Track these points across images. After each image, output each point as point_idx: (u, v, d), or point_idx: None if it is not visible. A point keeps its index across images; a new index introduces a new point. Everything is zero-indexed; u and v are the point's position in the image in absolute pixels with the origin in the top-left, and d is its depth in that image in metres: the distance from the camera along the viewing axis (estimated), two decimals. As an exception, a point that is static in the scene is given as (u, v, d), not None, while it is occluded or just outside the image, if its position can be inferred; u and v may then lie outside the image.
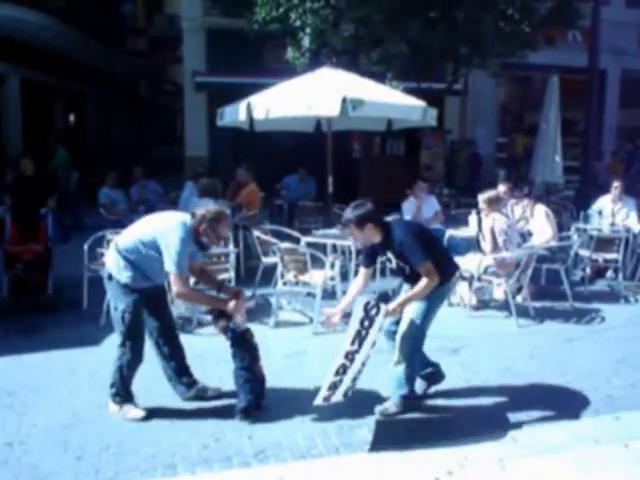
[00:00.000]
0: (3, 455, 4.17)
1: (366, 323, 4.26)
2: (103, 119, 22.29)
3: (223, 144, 14.78)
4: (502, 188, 8.35)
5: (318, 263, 6.98)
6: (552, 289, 7.86)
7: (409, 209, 8.85)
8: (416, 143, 15.40)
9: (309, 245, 7.29)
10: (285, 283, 7.10)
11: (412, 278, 4.60)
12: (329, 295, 7.24)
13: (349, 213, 4.51)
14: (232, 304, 4.54)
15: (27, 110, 15.40)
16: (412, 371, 4.75)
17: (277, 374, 5.28)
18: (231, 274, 6.95)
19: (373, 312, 4.26)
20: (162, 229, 4.37)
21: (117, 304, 4.55)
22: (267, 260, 7.60)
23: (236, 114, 8.42)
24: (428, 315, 4.67)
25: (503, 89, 16.46)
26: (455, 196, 12.26)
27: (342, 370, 4.33)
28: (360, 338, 4.28)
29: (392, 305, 4.44)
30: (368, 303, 4.26)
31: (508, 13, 9.78)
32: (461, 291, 7.53)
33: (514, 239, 7.19)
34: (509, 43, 10.22)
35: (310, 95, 7.89)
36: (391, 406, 4.71)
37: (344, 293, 7.19)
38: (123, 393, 4.67)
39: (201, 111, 14.80)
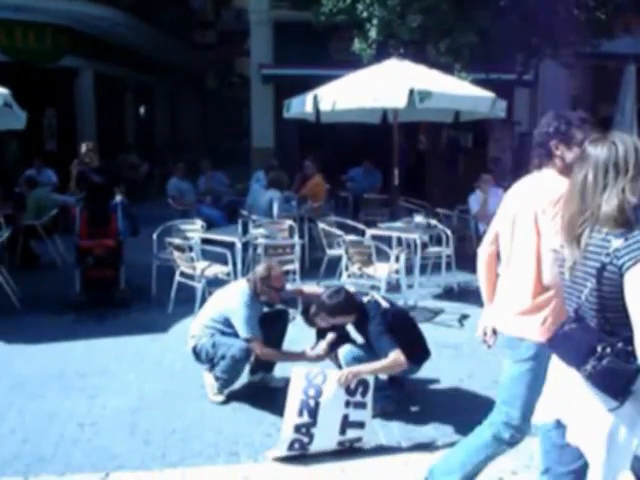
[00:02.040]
0: (75, 435, 4.31)
1: (311, 392, 3.98)
2: (172, 112, 22.78)
3: (289, 136, 14.85)
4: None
5: (383, 256, 6.94)
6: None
7: (475, 202, 8.69)
8: (484, 135, 15.09)
9: (374, 238, 7.25)
10: (349, 275, 7.09)
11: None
12: (393, 288, 7.19)
13: (325, 299, 4.42)
14: (310, 354, 4.67)
15: (100, 103, 15.85)
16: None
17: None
18: (296, 265, 6.99)
19: (318, 380, 4.01)
20: (228, 306, 4.63)
21: None
22: (332, 252, 7.61)
23: (303, 106, 8.43)
24: None
25: (575, 80, 15.93)
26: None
27: (298, 446, 3.98)
28: (309, 409, 3.95)
29: (352, 370, 4.15)
30: (309, 372, 4.05)
31: (582, 0, 9.45)
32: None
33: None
34: (583, 32, 9.88)
35: (377, 87, 7.83)
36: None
37: (409, 287, 7.21)
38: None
39: (267, 103, 14.90)
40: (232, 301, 4.60)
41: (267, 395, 4.86)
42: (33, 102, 14.51)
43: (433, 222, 8.03)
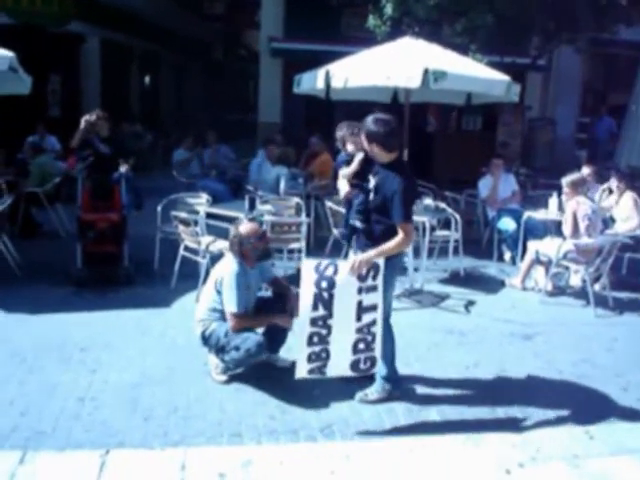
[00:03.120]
0: (75, 409, 4.25)
1: (324, 284, 3.95)
2: (177, 82, 22.51)
3: (296, 111, 14.67)
4: (586, 171, 7.97)
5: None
6: (634, 280, 7.48)
7: (485, 187, 8.57)
8: (493, 119, 14.92)
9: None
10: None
11: (366, 230, 4.27)
12: (400, 270, 7.08)
13: (366, 124, 4.19)
14: (280, 318, 4.61)
15: (105, 71, 15.62)
16: (390, 349, 4.43)
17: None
18: (302, 244, 6.88)
19: (329, 272, 3.96)
20: (220, 281, 4.54)
21: None
22: (338, 231, 7.48)
23: (314, 82, 8.28)
24: (392, 286, 4.41)
25: (587, 66, 15.73)
26: (532, 176, 11.82)
27: (317, 339, 4.02)
28: (324, 301, 3.95)
29: (362, 257, 4.01)
30: (319, 263, 3.98)
31: (604, -15, 9.26)
32: (536, 275, 7.27)
33: (597, 225, 6.86)
34: (603, 17, 9.68)
35: (390, 65, 7.67)
36: (372, 392, 4.49)
37: (415, 270, 7.11)
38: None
39: (276, 77, 14.69)
40: (222, 275, 4.54)
41: (272, 376, 4.79)
42: (38, 67, 14.31)
43: (442, 205, 7.92)
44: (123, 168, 7.29)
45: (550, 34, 10.49)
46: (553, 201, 7.77)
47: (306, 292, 3.97)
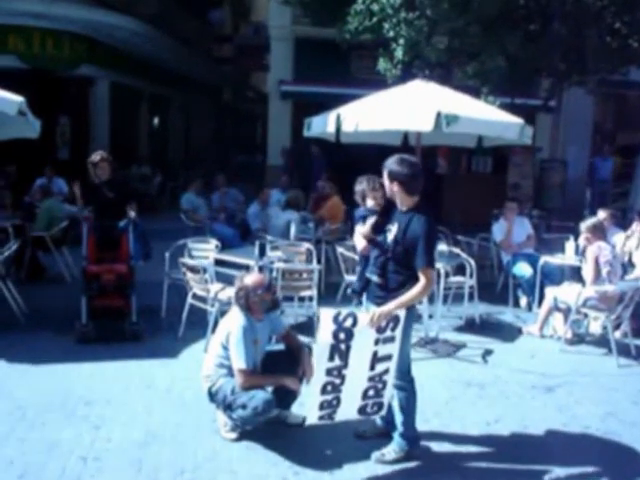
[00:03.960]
0: (77, 470, 4.03)
1: (342, 336, 3.86)
2: (186, 124, 22.62)
3: (305, 154, 14.59)
4: (603, 214, 7.79)
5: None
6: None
7: (499, 231, 8.38)
8: (504, 160, 14.82)
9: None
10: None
11: (382, 283, 4.13)
12: (415, 318, 6.87)
13: (390, 162, 4.09)
14: (290, 381, 4.39)
15: (114, 113, 15.67)
16: (412, 406, 4.24)
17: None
18: (314, 291, 6.69)
19: (348, 323, 3.86)
20: (227, 336, 4.36)
21: None
22: (350, 277, 7.30)
23: (324, 125, 8.19)
24: (409, 336, 4.23)
25: (597, 107, 15.68)
26: (545, 218, 11.65)
27: (331, 388, 3.96)
28: (340, 352, 3.89)
29: (383, 310, 3.88)
30: (338, 314, 3.86)
31: (616, 27, 9.19)
32: (555, 323, 7.04)
33: (618, 271, 6.66)
34: (614, 59, 9.62)
35: (402, 108, 7.57)
36: (390, 452, 4.27)
37: (430, 317, 6.90)
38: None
39: (285, 120, 14.69)
40: (228, 330, 4.36)
41: (284, 433, 4.57)
42: (48, 109, 14.43)
43: (455, 250, 7.74)
44: (131, 214, 7.12)
45: (561, 76, 10.42)
46: (570, 245, 7.59)
47: (323, 342, 3.89)
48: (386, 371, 4.05)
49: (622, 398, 5.53)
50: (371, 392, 4.10)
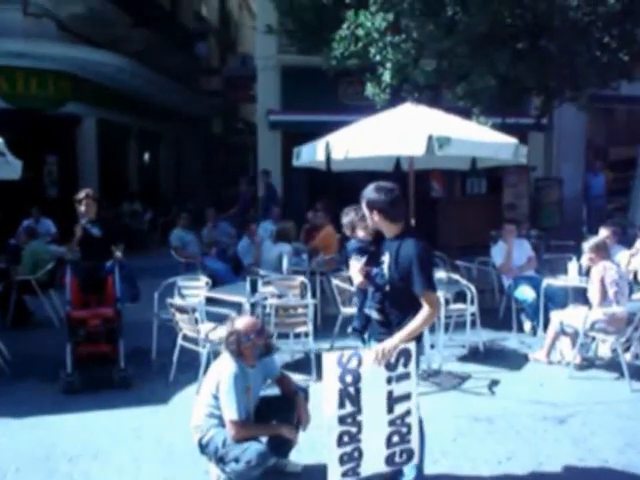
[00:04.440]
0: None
1: (349, 379, 3.57)
2: (177, 158, 22.45)
3: (297, 184, 14.39)
4: (605, 232, 7.56)
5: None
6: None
7: (499, 254, 8.13)
8: (498, 181, 14.62)
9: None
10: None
11: (386, 305, 3.88)
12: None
13: (367, 192, 3.89)
14: (286, 430, 4.11)
15: (103, 150, 15.48)
16: (421, 448, 3.93)
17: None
18: (309, 327, 6.40)
19: (353, 364, 3.58)
20: (217, 384, 4.06)
21: None
22: (347, 310, 7.02)
23: (313, 154, 7.98)
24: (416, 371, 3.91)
25: (589, 123, 15.55)
26: (544, 238, 11.42)
27: (348, 439, 3.62)
28: (350, 397, 3.59)
29: (387, 344, 3.62)
30: (341, 355, 3.58)
31: (605, 41, 9.05)
32: (562, 347, 6.76)
33: (625, 290, 6.40)
34: (604, 73, 9.46)
35: (393, 133, 7.37)
36: None
37: (432, 347, 6.61)
38: None
39: (275, 150, 14.48)
40: (218, 379, 4.04)
41: (282, 486, 4.26)
42: (34, 149, 14.27)
43: (455, 277, 7.48)
44: (118, 254, 6.86)
45: (552, 93, 10.26)
46: (573, 266, 7.34)
47: (330, 389, 3.58)
48: (407, 412, 3.72)
49: (639, 427, 5.23)
50: (395, 438, 3.74)
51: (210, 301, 6.88)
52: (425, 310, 3.69)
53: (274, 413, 4.21)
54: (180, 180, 22.74)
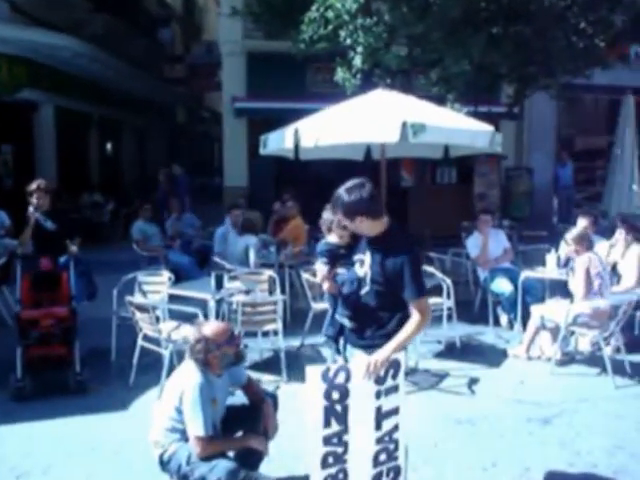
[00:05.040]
0: None
1: (335, 395, 3.23)
2: (140, 148, 21.81)
3: (264, 174, 13.97)
4: (583, 222, 7.31)
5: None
6: (647, 340, 6.79)
7: (475, 246, 7.85)
8: (468, 170, 14.42)
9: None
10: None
11: (361, 311, 3.54)
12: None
13: (340, 200, 3.42)
14: (256, 442, 3.75)
15: (61, 139, 14.84)
16: None
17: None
18: (279, 325, 6.03)
19: (340, 379, 3.24)
20: (180, 396, 3.62)
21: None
22: (318, 306, 6.67)
23: (281, 141, 7.59)
24: None
25: (560, 112, 15.41)
26: (516, 228, 11.21)
27: (333, 460, 3.29)
28: (337, 415, 3.25)
29: (379, 357, 3.26)
30: (327, 370, 3.25)
31: (581, 27, 8.81)
32: (542, 343, 6.50)
33: (608, 282, 6.16)
34: (580, 60, 9.23)
35: (365, 120, 7.02)
36: None
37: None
38: None
39: (241, 138, 14.04)
40: (181, 390, 3.61)
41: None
42: (-12, 138, 13.65)
43: (429, 269, 7.18)
44: (73, 248, 6.41)
45: (526, 80, 10.00)
46: (551, 257, 7.10)
47: (315, 407, 3.23)
48: (395, 428, 3.39)
49: (628, 427, 4.99)
50: (382, 456, 3.39)
51: (173, 298, 6.48)
52: (417, 318, 3.37)
53: (241, 423, 3.85)
54: (144, 171, 22.11)
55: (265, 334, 6.39)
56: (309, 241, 9.10)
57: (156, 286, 6.81)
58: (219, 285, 6.02)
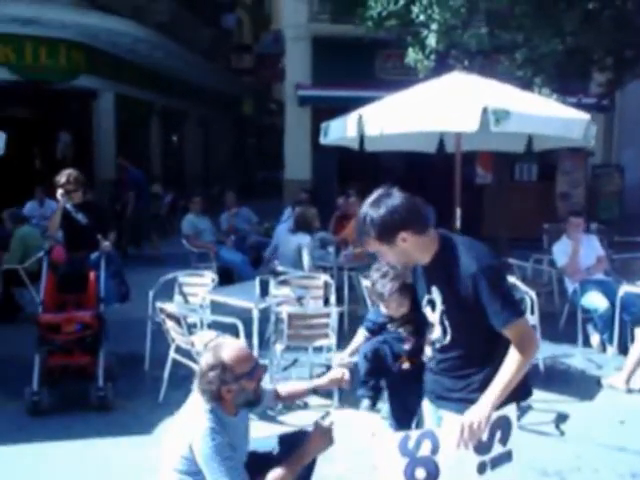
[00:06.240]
0: None
1: (420, 474, 2.34)
2: (204, 139, 21.38)
3: (328, 167, 13.17)
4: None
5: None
6: None
7: (563, 253, 6.81)
8: (550, 167, 13.24)
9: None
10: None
11: (450, 352, 2.64)
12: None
13: (369, 213, 2.50)
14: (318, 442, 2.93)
15: (121, 128, 14.43)
16: None
17: None
18: (332, 340, 5.19)
19: (425, 450, 2.36)
20: (192, 447, 2.77)
21: None
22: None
23: (344, 130, 6.76)
24: None
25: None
26: (605, 232, 10.02)
27: None
28: None
29: (476, 416, 2.37)
30: (406, 438, 2.37)
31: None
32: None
33: None
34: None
35: (439, 106, 6.12)
36: None
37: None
38: None
39: (304, 129, 13.25)
40: (191, 439, 2.77)
41: None
42: (47, 126, 13.33)
43: (511, 280, 6.21)
44: (106, 244, 5.77)
45: (624, 66, 8.82)
46: (657, 269, 6.02)
47: None
48: None
49: None
50: None
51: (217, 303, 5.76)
52: (516, 349, 2.45)
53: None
54: (208, 163, 21.70)
55: (317, 348, 5.58)
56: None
57: (197, 288, 6.11)
58: (264, 292, 5.22)
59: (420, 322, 3.28)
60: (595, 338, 6.59)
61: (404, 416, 3.51)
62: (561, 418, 4.92)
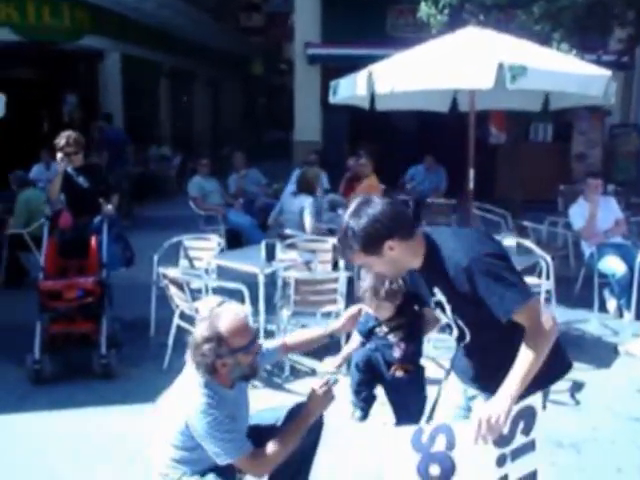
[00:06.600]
0: None
1: (434, 470, 2.18)
2: (213, 100, 21.08)
3: (338, 127, 12.91)
4: None
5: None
6: None
7: (580, 216, 6.59)
8: (566, 127, 12.91)
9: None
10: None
11: (475, 349, 2.51)
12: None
13: (350, 224, 2.26)
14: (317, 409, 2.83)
15: (128, 89, 14.18)
16: None
17: None
18: (340, 305, 5.04)
19: (440, 446, 2.19)
20: (188, 421, 2.66)
21: None
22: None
23: (353, 88, 6.52)
24: None
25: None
26: (622, 194, 9.74)
27: None
28: None
29: (494, 409, 2.18)
30: (419, 433, 2.21)
31: None
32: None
33: None
34: None
35: (452, 62, 5.86)
36: None
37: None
38: None
39: (313, 89, 12.96)
40: (187, 415, 2.65)
41: None
42: (52, 87, 13.11)
43: (525, 243, 6.03)
44: (108, 207, 5.63)
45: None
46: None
47: None
48: None
49: None
50: None
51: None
52: (529, 335, 2.26)
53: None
54: (217, 124, 21.43)
55: (326, 313, 5.45)
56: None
57: (203, 252, 5.97)
58: (270, 256, 5.06)
59: (412, 327, 3.22)
60: (612, 303, 6.41)
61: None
62: (576, 387, 4.77)
